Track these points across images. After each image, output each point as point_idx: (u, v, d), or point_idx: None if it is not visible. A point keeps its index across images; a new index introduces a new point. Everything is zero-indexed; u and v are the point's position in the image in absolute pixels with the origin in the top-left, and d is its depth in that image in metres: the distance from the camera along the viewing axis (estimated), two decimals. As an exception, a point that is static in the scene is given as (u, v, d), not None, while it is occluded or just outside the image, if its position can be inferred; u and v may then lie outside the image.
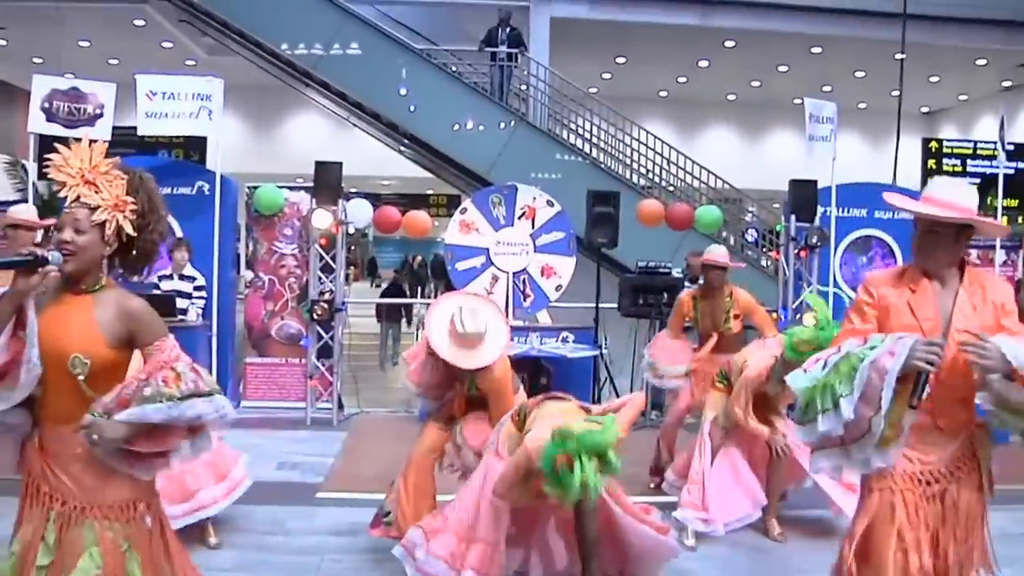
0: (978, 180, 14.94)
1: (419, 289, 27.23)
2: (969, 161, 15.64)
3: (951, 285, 3.40)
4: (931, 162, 15.51)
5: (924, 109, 25.45)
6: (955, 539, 3.36)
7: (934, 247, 3.38)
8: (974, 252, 11.84)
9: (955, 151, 15.88)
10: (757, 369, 6.06)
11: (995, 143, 12.00)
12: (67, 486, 3.05)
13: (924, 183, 14.83)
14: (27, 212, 8.01)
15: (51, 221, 7.80)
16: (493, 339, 5.26)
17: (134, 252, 3.24)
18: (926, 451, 3.38)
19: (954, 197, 3.36)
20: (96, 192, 3.09)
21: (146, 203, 3.21)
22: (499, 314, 5.49)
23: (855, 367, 3.15)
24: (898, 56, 14.42)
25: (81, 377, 2.99)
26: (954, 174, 15.39)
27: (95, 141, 3.19)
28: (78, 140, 3.16)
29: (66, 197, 3.08)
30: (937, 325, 3.32)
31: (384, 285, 24.00)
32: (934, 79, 21.65)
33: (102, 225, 3.08)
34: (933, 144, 16.14)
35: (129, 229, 3.14)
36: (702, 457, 6.38)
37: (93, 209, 3.07)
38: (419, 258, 28.88)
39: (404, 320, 18.47)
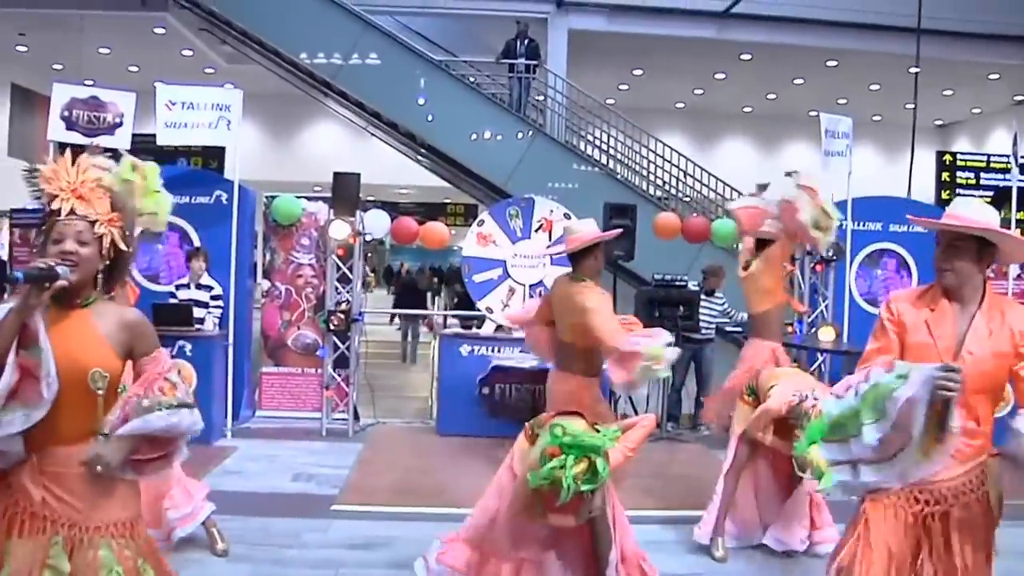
0: (991, 193, 14.94)
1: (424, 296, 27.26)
2: (983, 174, 15.65)
3: (970, 308, 3.39)
4: (945, 175, 15.52)
5: (938, 122, 25.43)
6: (951, 564, 3.33)
7: (955, 262, 3.37)
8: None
9: (969, 164, 15.89)
10: (778, 403, 5.99)
11: (1008, 156, 11.98)
12: (73, 507, 2.99)
13: (938, 196, 14.89)
14: None
15: None
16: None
17: (115, 266, 3.20)
18: (932, 473, 3.32)
19: (975, 215, 3.36)
20: (88, 206, 3.08)
21: (127, 219, 3.22)
22: None
23: (884, 397, 3.16)
24: (912, 70, 14.40)
25: (101, 392, 3.01)
26: (968, 187, 15.41)
27: (81, 152, 3.22)
28: (81, 148, 3.20)
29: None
30: (952, 345, 3.33)
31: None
32: (948, 92, 21.63)
33: (100, 238, 3.08)
34: (947, 157, 16.15)
35: (121, 243, 3.15)
36: (728, 475, 6.35)
37: (92, 222, 3.06)
38: (405, 266, 28.75)
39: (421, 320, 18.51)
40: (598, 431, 4.36)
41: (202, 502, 6.01)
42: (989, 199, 14.85)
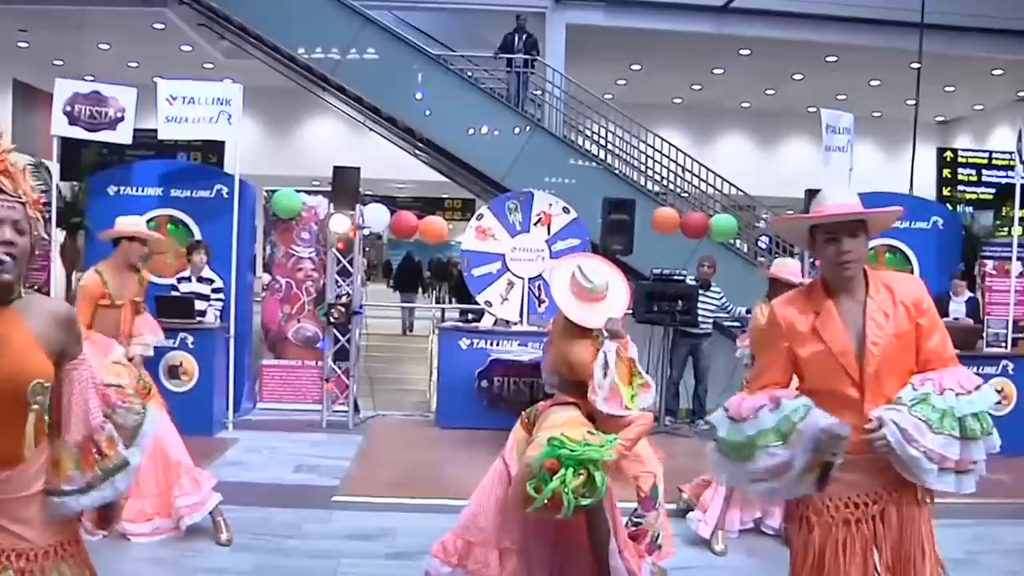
0: (993, 190, 14.95)
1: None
2: (984, 171, 15.62)
3: (858, 296, 3.30)
4: (946, 172, 15.50)
5: (939, 118, 25.40)
6: (898, 558, 3.25)
7: (860, 250, 3.29)
8: (990, 263, 11.85)
9: (970, 161, 15.86)
10: None
11: (1011, 153, 11.99)
12: (21, 537, 2.53)
13: (939, 192, 14.89)
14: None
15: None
16: (617, 289, 5.01)
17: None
18: (861, 472, 3.24)
19: (850, 199, 3.36)
20: (15, 185, 2.53)
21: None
22: (613, 267, 5.19)
23: (759, 447, 3.24)
24: (914, 65, 14.43)
25: (37, 408, 2.52)
26: (969, 184, 15.39)
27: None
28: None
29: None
30: (848, 343, 3.23)
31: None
32: (949, 89, 21.59)
33: (31, 224, 2.54)
34: (948, 154, 16.13)
35: (42, 230, 2.62)
36: None
37: (24, 204, 2.52)
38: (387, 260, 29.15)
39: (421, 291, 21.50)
40: (593, 433, 4.38)
41: (210, 492, 6.10)
42: (991, 196, 14.88)
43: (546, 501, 4.01)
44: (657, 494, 4.92)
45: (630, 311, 10.97)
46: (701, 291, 10.97)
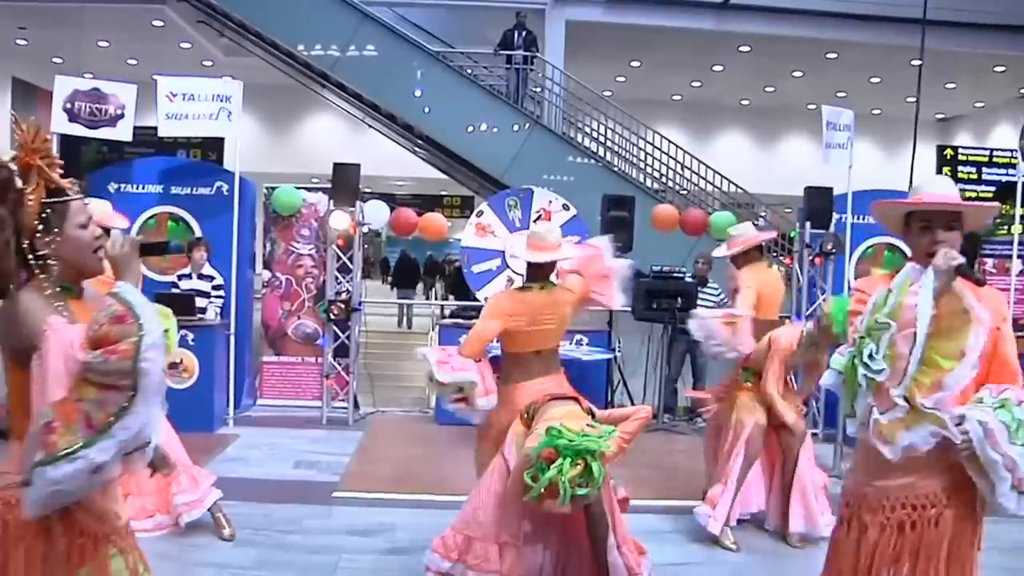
0: (993, 188, 14.93)
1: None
2: (984, 169, 15.58)
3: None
4: (946, 169, 15.47)
5: (939, 116, 25.40)
6: (945, 566, 3.14)
7: (954, 243, 3.20)
8: (990, 261, 11.86)
9: (970, 158, 15.82)
10: (788, 339, 6.11)
11: (1012, 151, 11.97)
12: (107, 518, 2.73)
13: (938, 190, 14.94)
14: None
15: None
16: (567, 245, 5.55)
17: None
18: (912, 474, 3.15)
19: (951, 189, 3.29)
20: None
21: None
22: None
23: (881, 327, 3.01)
24: (914, 62, 14.41)
25: None
26: (969, 181, 15.37)
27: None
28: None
29: (87, 195, 2.82)
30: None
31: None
32: (950, 86, 21.60)
33: None
34: (948, 151, 16.10)
35: None
36: (736, 463, 6.39)
37: None
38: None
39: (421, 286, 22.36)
40: (593, 426, 4.40)
41: (209, 488, 6.13)
42: (992, 194, 14.85)
43: (543, 490, 4.03)
44: None
45: (629, 308, 11.02)
46: (699, 289, 10.98)
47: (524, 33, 16.13)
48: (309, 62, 15.67)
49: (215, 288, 10.04)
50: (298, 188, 11.33)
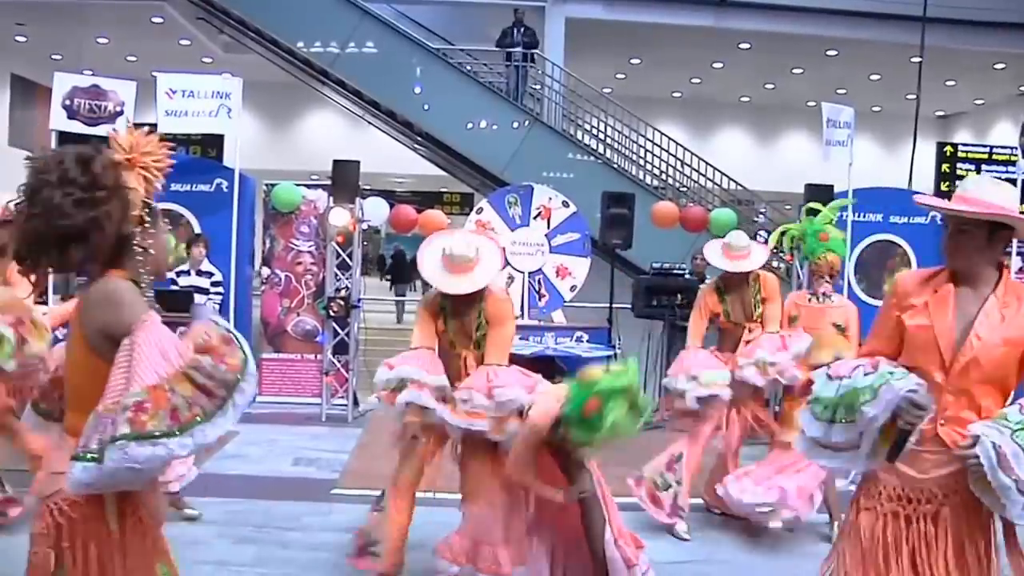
0: (992, 186, 14.91)
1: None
2: (984, 166, 15.55)
3: (983, 292, 3.18)
4: (945, 166, 15.46)
5: (939, 113, 25.39)
6: (946, 566, 3.15)
7: (964, 248, 3.18)
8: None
9: (970, 156, 15.80)
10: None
11: (1012, 148, 11.95)
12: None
13: (938, 187, 14.86)
14: None
15: None
16: (487, 262, 4.98)
17: None
18: (924, 466, 3.18)
19: (987, 195, 3.16)
20: None
21: None
22: (494, 246, 5.21)
23: (855, 402, 3.10)
24: (915, 59, 14.41)
25: None
26: (968, 179, 15.37)
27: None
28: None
29: None
30: (951, 327, 3.14)
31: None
32: (950, 83, 21.57)
33: None
34: (948, 148, 16.08)
35: None
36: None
37: None
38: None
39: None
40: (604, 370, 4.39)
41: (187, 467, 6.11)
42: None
43: (607, 433, 4.02)
44: None
45: (629, 306, 11.03)
46: (701, 285, 10.98)
47: (523, 30, 16.13)
48: (309, 59, 15.69)
49: (214, 285, 10.02)
50: (298, 185, 11.32)
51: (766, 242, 14.45)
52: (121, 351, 2.53)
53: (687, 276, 11.11)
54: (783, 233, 7.32)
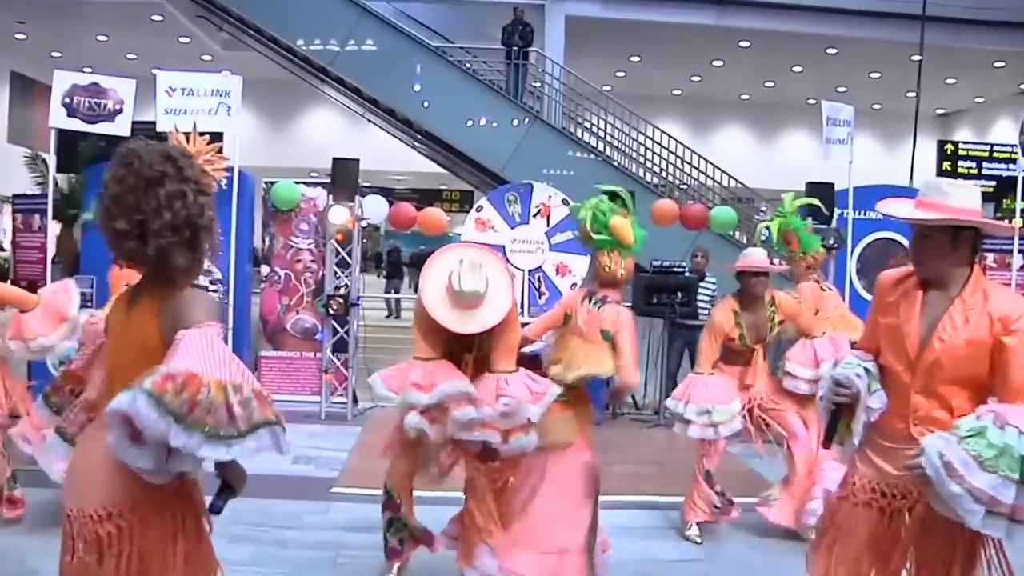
0: (993, 183, 14.92)
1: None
2: (985, 164, 15.60)
3: (951, 293, 3.21)
4: (946, 164, 15.49)
5: (939, 111, 25.42)
6: (923, 562, 3.20)
7: (927, 252, 3.23)
8: (991, 256, 11.83)
9: (971, 153, 15.84)
10: None
11: (1012, 146, 11.95)
12: None
13: (937, 186, 14.94)
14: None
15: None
16: (496, 297, 4.51)
17: None
18: (893, 460, 3.22)
19: (948, 199, 3.18)
20: None
21: None
22: (503, 269, 4.73)
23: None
24: (915, 58, 14.41)
25: None
26: (969, 176, 15.36)
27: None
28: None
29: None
30: (917, 327, 3.19)
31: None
32: (950, 81, 21.61)
33: None
34: (948, 146, 16.11)
35: None
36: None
37: None
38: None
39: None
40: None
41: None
42: (991, 189, 14.85)
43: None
44: None
45: (629, 303, 11.00)
46: (703, 284, 10.98)
47: (522, 27, 16.12)
48: (308, 57, 15.70)
49: (213, 283, 10.02)
50: (297, 183, 11.30)
51: (767, 241, 14.56)
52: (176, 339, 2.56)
53: (687, 274, 11.08)
54: (779, 231, 7.21)
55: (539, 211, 10.92)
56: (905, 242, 11.04)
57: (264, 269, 11.32)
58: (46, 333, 5.74)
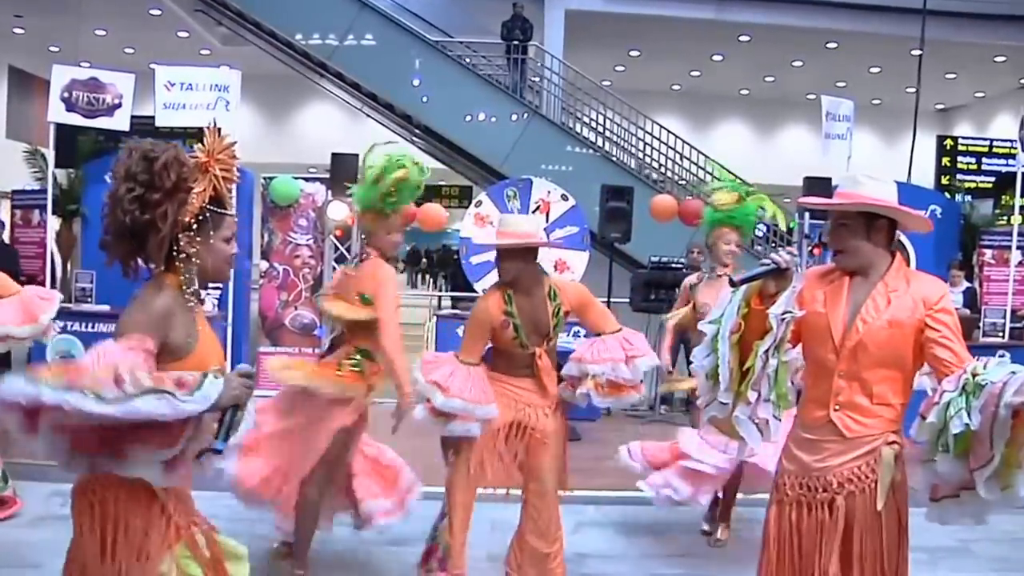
0: (992, 179, 14.92)
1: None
2: (984, 159, 15.58)
3: (874, 280, 3.29)
4: (945, 160, 15.47)
5: (939, 106, 25.39)
6: (851, 558, 3.22)
7: (843, 239, 3.30)
8: (989, 252, 11.85)
9: (970, 149, 15.82)
10: None
11: (1012, 141, 11.94)
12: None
13: (938, 181, 14.82)
14: None
15: None
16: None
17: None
18: (814, 452, 3.31)
19: (861, 187, 3.29)
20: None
21: None
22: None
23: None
24: (915, 52, 14.39)
25: None
26: (969, 172, 15.37)
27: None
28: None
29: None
30: (843, 313, 3.26)
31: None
32: (950, 76, 21.58)
33: None
34: (948, 141, 16.10)
35: None
36: None
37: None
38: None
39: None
40: None
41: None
42: (991, 184, 14.84)
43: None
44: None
45: (627, 300, 11.01)
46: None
47: (521, 23, 16.12)
48: (307, 51, 15.70)
49: (212, 279, 10.01)
50: (296, 178, 11.32)
51: (765, 237, 14.56)
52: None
53: (685, 270, 11.08)
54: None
55: (538, 206, 10.92)
56: (904, 239, 11.09)
57: (263, 265, 11.33)
58: (15, 323, 5.73)
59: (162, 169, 2.62)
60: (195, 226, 2.73)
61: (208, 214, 2.76)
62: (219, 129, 2.86)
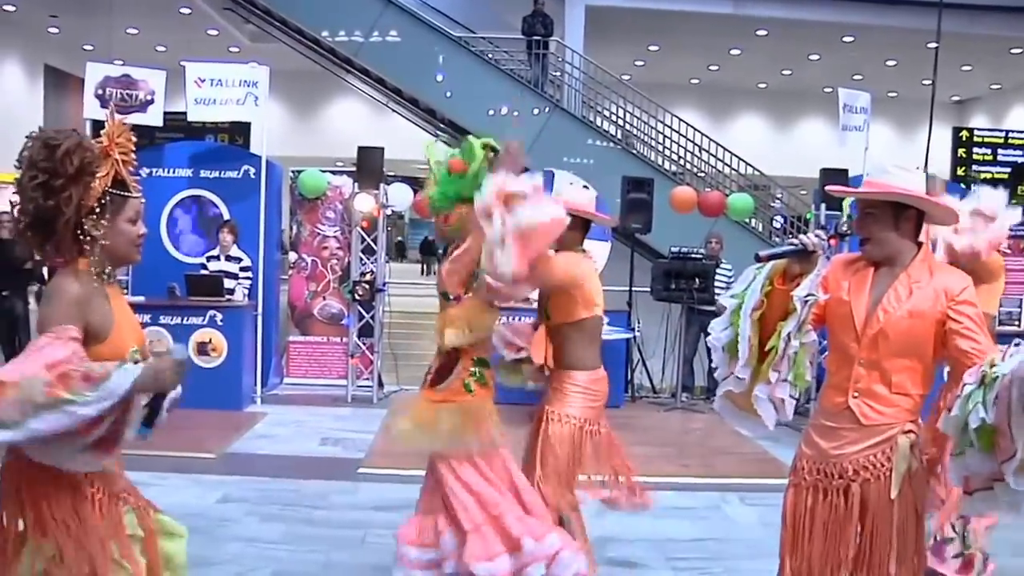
0: (1008, 170, 15.00)
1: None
2: (1000, 150, 15.65)
3: (897, 270, 3.28)
4: (961, 151, 15.55)
5: (955, 98, 25.35)
6: (867, 548, 3.25)
7: (871, 229, 3.29)
8: (1005, 242, 11.90)
9: (986, 140, 15.89)
10: None
11: (1028, 132, 12.00)
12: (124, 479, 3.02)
13: (954, 172, 14.89)
14: None
15: None
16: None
17: None
18: (832, 439, 3.34)
19: (889, 178, 3.28)
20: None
21: None
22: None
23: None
24: (931, 45, 14.48)
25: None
26: (984, 163, 15.44)
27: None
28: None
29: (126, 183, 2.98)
30: (865, 302, 3.27)
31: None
32: (966, 68, 21.56)
33: None
34: (964, 133, 16.15)
35: None
36: None
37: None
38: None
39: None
40: None
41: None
42: (1007, 175, 14.91)
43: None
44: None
45: (648, 289, 11.21)
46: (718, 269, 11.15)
47: (542, 19, 16.27)
48: (334, 48, 15.87)
49: (243, 270, 10.25)
50: (323, 171, 11.54)
51: (783, 228, 14.66)
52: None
53: (704, 261, 11.25)
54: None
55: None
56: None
57: (292, 256, 11.57)
58: None
59: (64, 156, 2.69)
60: (99, 209, 2.80)
61: (111, 197, 2.83)
62: (121, 120, 2.97)
